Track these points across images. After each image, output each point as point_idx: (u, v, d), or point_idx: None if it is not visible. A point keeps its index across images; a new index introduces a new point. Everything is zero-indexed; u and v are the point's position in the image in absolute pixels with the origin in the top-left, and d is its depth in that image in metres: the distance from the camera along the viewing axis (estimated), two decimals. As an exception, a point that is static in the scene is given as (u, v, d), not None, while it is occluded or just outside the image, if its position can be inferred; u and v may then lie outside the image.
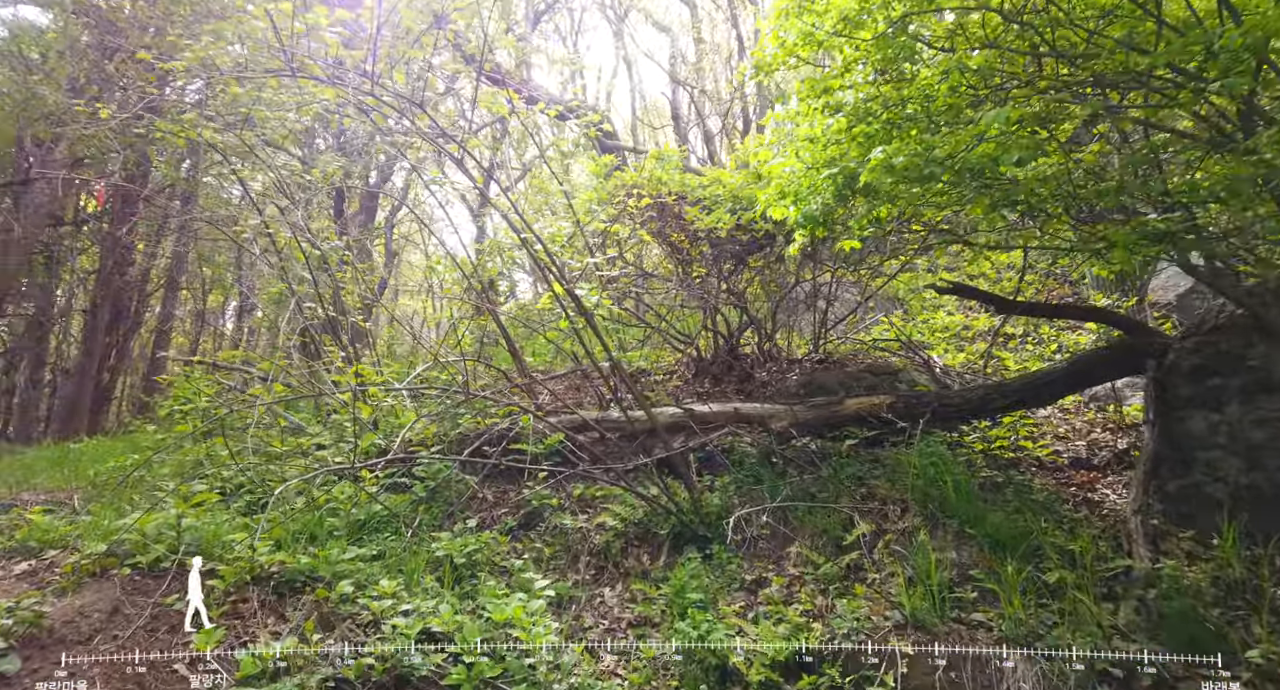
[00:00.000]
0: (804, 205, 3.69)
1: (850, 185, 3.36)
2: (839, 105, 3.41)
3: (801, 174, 3.70)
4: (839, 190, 3.42)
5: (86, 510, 4.03)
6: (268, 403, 4.41)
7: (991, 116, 2.56)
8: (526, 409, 5.31)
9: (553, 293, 4.71)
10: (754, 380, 7.32)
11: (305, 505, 4.29)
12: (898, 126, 3.19)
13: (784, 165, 3.89)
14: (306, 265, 5.38)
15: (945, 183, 3.26)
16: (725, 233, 5.86)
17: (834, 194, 3.44)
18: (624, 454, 5.76)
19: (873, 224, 3.63)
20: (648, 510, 5.04)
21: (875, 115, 3.24)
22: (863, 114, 3.28)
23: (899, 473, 4.80)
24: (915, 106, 3.12)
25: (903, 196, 3.27)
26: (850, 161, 3.33)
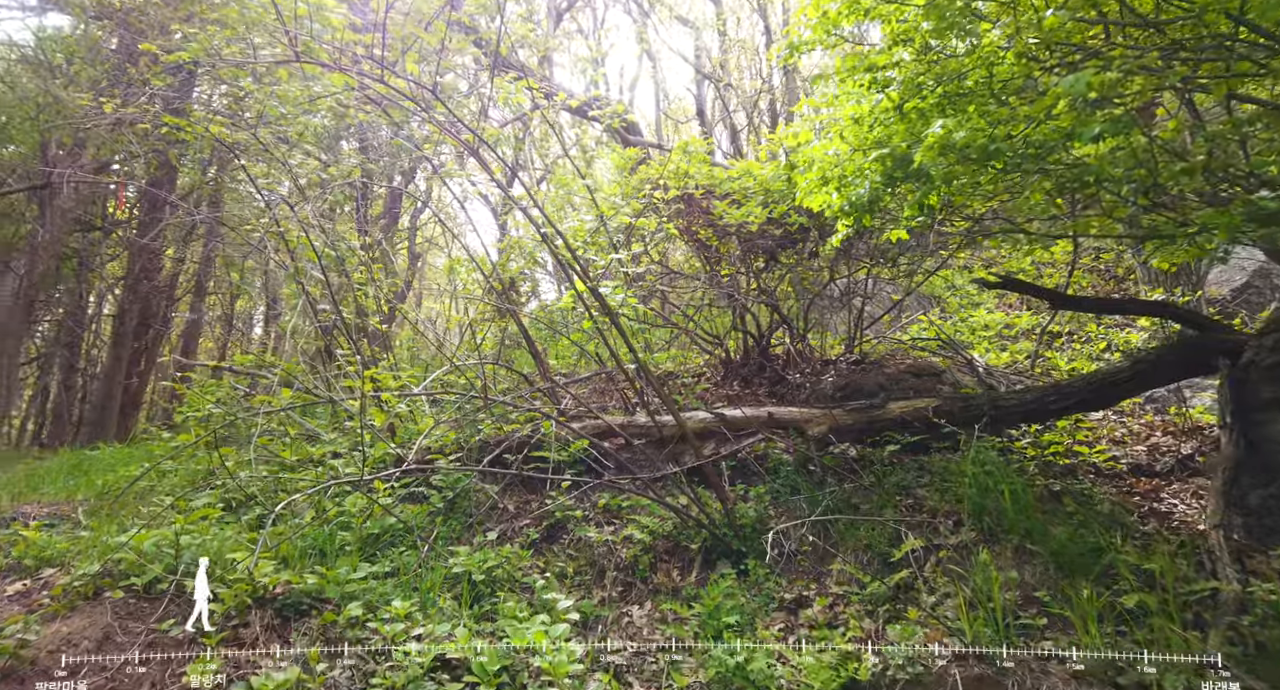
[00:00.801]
0: (848, 192, 3.37)
1: (901, 167, 3.04)
2: (887, 82, 3.08)
3: (845, 158, 3.38)
4: (888, 174, 3.09)
5: (86, 525, 3.84)
6: (274, 409, 4.19)
7: (1070, 82, 2.23)
8: (548, 414, 5.04)
9: (575, 291, 4.43)
10: (786, 383, 6.99)
11: (315, 519, 4.06)
12: (954, 102, 2.86)
13: (825, 147, 3.56)
14: (320, 265, 5.16)
15: (1004, 164, 2.92)
16: (756, 227, 5.55)
17: (883, 178, 3.12)
18: (651, 461, 5.47)
19: (923, 211, 3.30)
20: (677, 522, 4.74)
21: (929, 89, 2.91)
22: (915, 89, 2.95)
23: (949, 482, 4.45)
24: (977, 77, 2.78)
25: (962, 178, 2.94)
26: (901, 142, 3.00)
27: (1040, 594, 3.44)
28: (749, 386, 7.31)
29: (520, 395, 5.90)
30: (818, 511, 4.42)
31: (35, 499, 4.90)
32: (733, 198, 6.04)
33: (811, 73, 15.25)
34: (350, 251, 6.13)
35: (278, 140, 6.50)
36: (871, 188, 3.17)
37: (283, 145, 6.59)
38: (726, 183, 6.05)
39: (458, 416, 5.85)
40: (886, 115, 3.15)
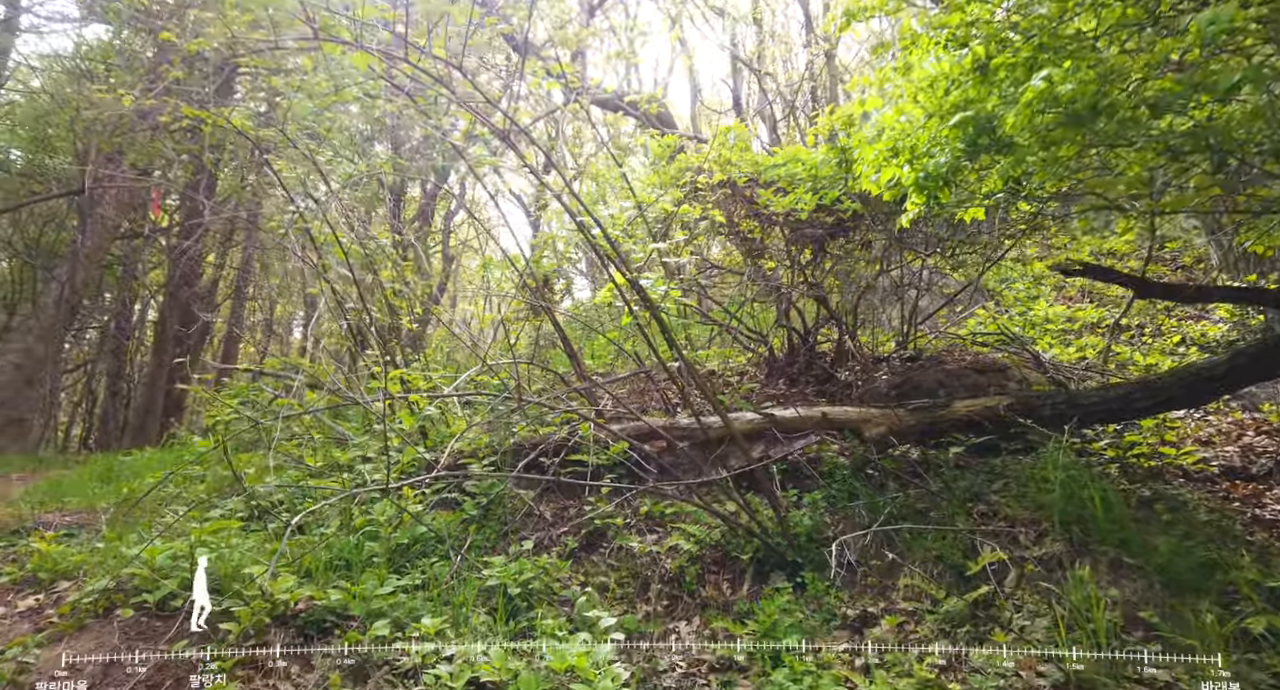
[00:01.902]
0: (921, 164, 3.01)
1: (986, 133, 2.67)
2: (966, 38, 2.71)
3: (919, 125, 3.02)
4: (970, 141, 2.72)
5: (100, 536, 3.65)
6: (294, 412, 3.96)
7: (1209, 16, 1.86)
8: (586, 416, 4.75)
9: (613, 284, 4.13)
10: (836, 381, 6.61)
11: (341, 528, 3.81)
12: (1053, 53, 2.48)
13: (897, 114, 3.20)
14: (347, 263, 4.95)
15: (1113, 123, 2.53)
16: (806, 214, 5.19)
17: (966, 144, 2.75)
18: (695, 465, 5.14)
19: (1009, 184, 2.92)
20: (725, 530, 4.41)
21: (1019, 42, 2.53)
22: (1000, 45, 2.58)
23: (1026, 487, 4.05)
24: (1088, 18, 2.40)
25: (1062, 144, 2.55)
26: (987, 103, 2.64)
27: (1146, 614, 3.03)
28: (795, 385, 6.94)
29: (556, 396, 5.62)
30: (880, 520, 4.05)
31: (58, 507, 4.76)
32: (778, 186, 5.69)
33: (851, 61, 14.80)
34: (380, 249, 5.91)
35: (306, 137, 6.32)
36: (952, 156, 2.81)
37: (311, 142, 6.40)
38: (771, 170, 5.71)
39: (491, 418, 5.60)
40: (966, 76, 2.79)
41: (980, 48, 2.62)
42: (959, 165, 2.86)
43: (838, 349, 7.02)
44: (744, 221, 6.29)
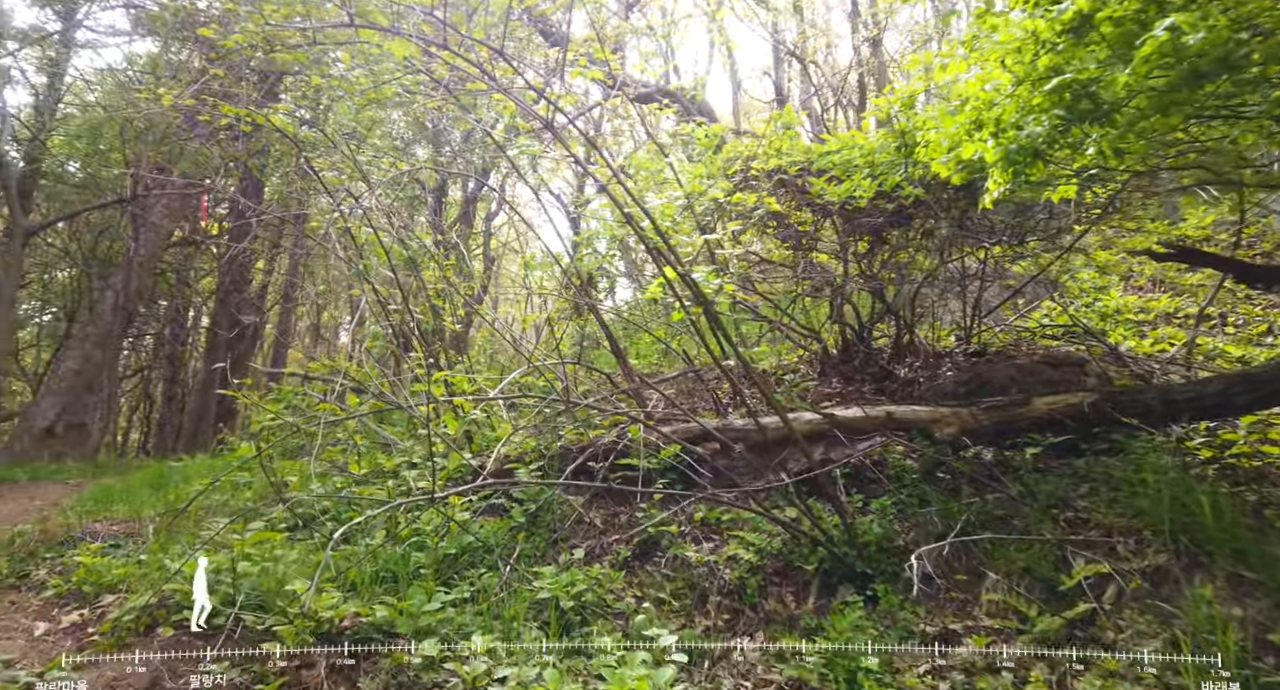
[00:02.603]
0: (1008, 137, 2.71)
1: (1088, 98, 2.37)
2: (1064, -9, 2.41)
3: (1006, 94, 2.72)
4: (1071, 107, 2.42)
5: (145, 547, 3.56)
6: (336, 418, 3.84)
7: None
8: (635, 418, 4.54)
9: (664, 279, 3.91)
10: (895, 378, 6.29)
11: (387, 539, 3.66)
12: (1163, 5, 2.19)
13: (980, 81, 2.90)
14: (389, 263, 4.83)
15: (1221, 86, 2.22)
16: (865, 202, 4.90)
17: (1067, 111, 2.45)
18: (752, 468, 4.90)
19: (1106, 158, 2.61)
20: (787, 538, 4.15)
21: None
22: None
23: (1119, 491, 3.71)
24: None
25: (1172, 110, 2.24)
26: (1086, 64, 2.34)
27: (1277, 638, 2.70)
28: (851, 383, 6.63)
29: (603, 397, 5.42)
30: (957, 528, 3.75)
31: (106, 516, 4.74)
32: (830, 174, 5.41)
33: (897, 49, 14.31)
34: (422, 249, 5.79)
35: (346, 137, 6.24)
36: (1050, 125, 2.50)
37: (352, 142, 6.32)
38: (824, 157, 5.42)
39: (537, 421, 5.43)
40: (1061, 36, 2.49)
41: (1082, 3, 2.32)
42: (1054, 136, 2.55)
43: (896, 344, 6.70)
44: (794, 214, 6.01)
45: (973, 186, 5.37)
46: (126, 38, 15.31)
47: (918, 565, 3.58)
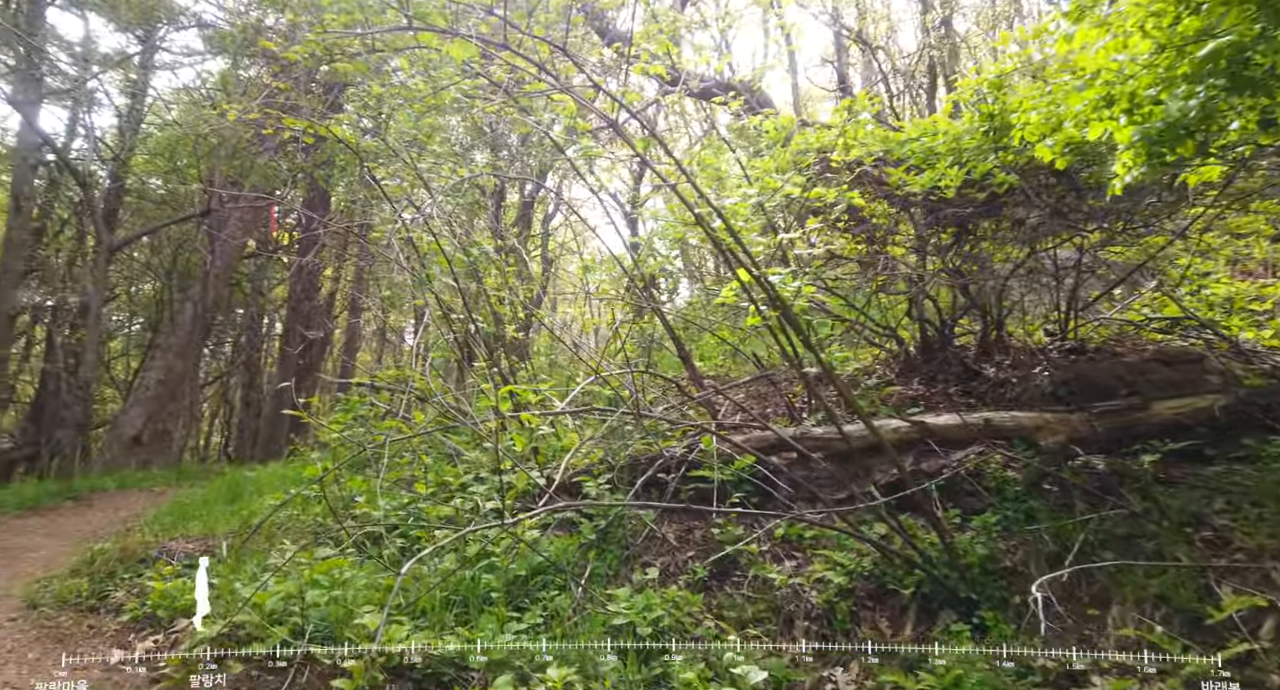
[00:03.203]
0: (1145, 113, 2.36)
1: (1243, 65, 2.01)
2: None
3: (1143, 64, 2.36)
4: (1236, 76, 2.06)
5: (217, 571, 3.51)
6: (403, 435, 3.72)
7: None
8: (708, 428, 4.30)
9: (737, 282, 3.65)
10: (982, 378, 5.86)
11: (457, 564, 3.52)
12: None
13: (1110, 50, 2.53)
14: (451, 271, 4.71)
15: None
16: (953, 191, 4.53)
17: (1229, 80, 2.08)
18: (834, 480, 4.59)
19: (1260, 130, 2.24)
20: (877, 559, 3.85)
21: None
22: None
23: (1265, 506, 3.28)
24: None
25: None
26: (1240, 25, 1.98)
27: None
28: (932, 385, 6.22)
29: (672, 406, 5.19)
30: (1075, 549, 3.38)
31: (182, 533, 4.77)
32: (909, 164, 5.04)
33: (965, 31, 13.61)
34: (483, 256, 5.67)
35: (406, 145, 6.18)
36: (1207, 96, 2.13)
37: (412, 149, 6.25)
38: (902, 146, 5.06)
39: (604, 432, 5.25)
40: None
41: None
42: (1208, 111, 2.19)
43: (981, 342, 6.26)
44: (869, 206, 5.65)
45: (1070, 171, 4.94)
46: (200, 57, 15.87)
47: (1039, 594, 3.21)
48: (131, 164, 15.37)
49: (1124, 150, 2.52)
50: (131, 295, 19.11)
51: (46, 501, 7.44)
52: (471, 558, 3.55)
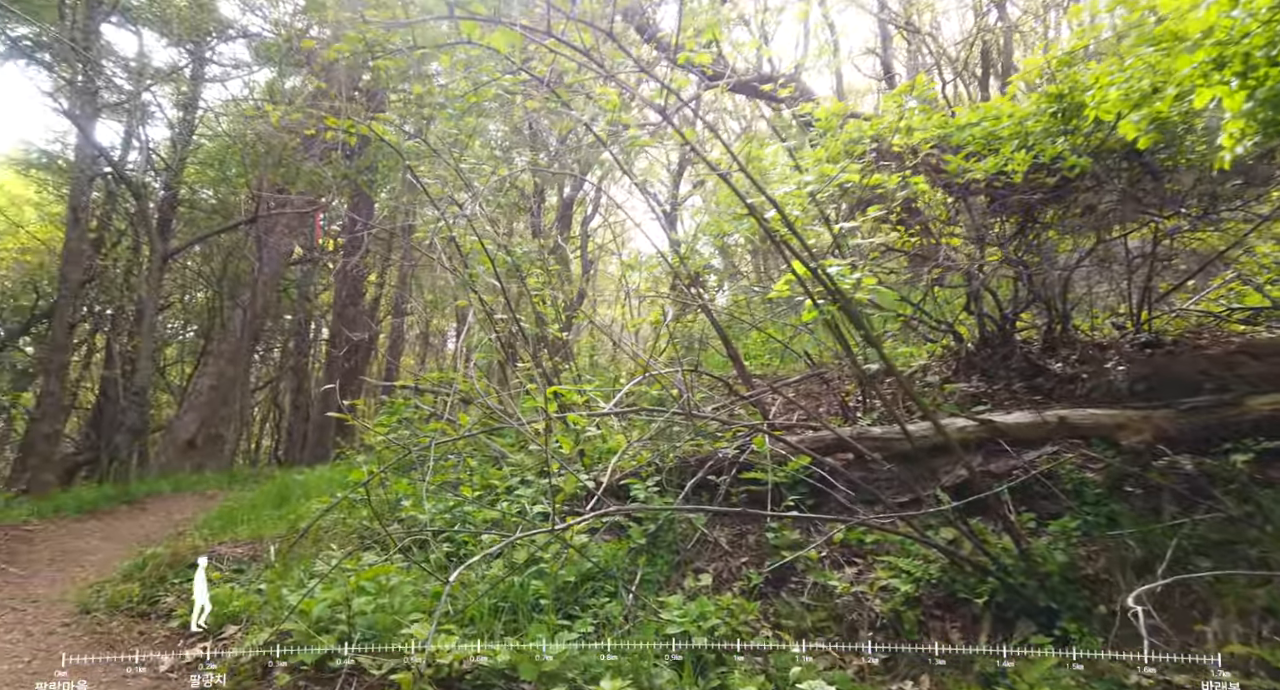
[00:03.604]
0: (1260, 77, 2.12)
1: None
2: None
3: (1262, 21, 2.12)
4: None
5: (264, 577, 3.46)
6: (448, 438, 3.63)
7: None
8: (762, 427, 4.12)
9: (792, 274, 3.48)
10: (1048, 375, 5.56)
11: (504, 567, 3.41)
12: None
13: (1222, 7, 2.30)
14: (494, 271, 4.62)
15: None
16: (1020, 177, 4.28)
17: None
18: (894, 483, 4.38)
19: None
20: (945, 565, 3.63)
21: None
22: None
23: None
24: None
25: None
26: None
27: None
28: (993, 381, 5.94)
29: (721, 405, 5.03)
30: (1167, 556, 3.12)
31: (231, 537, 4.78)
32: (970, 150, 4.80)
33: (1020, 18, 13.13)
34: (525, 256, 5.58)
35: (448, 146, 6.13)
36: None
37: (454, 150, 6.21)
38: (961, 131, 4.82)
39: (655, 433, 5.11)
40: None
41: None
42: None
43: (1046, 336, 5.96)
44: (926, 194, 5.41)
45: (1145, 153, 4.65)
46: (248, 69, 16.24)
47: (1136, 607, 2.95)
48: (183, 174, 15.78)
49: (1232, 119, 2.29)
50: (185, 303, 19.64)
51: (104, 505, 7.60)
52: (520, 563, 3.44)
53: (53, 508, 7.18)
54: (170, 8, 13.08)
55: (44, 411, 11.68)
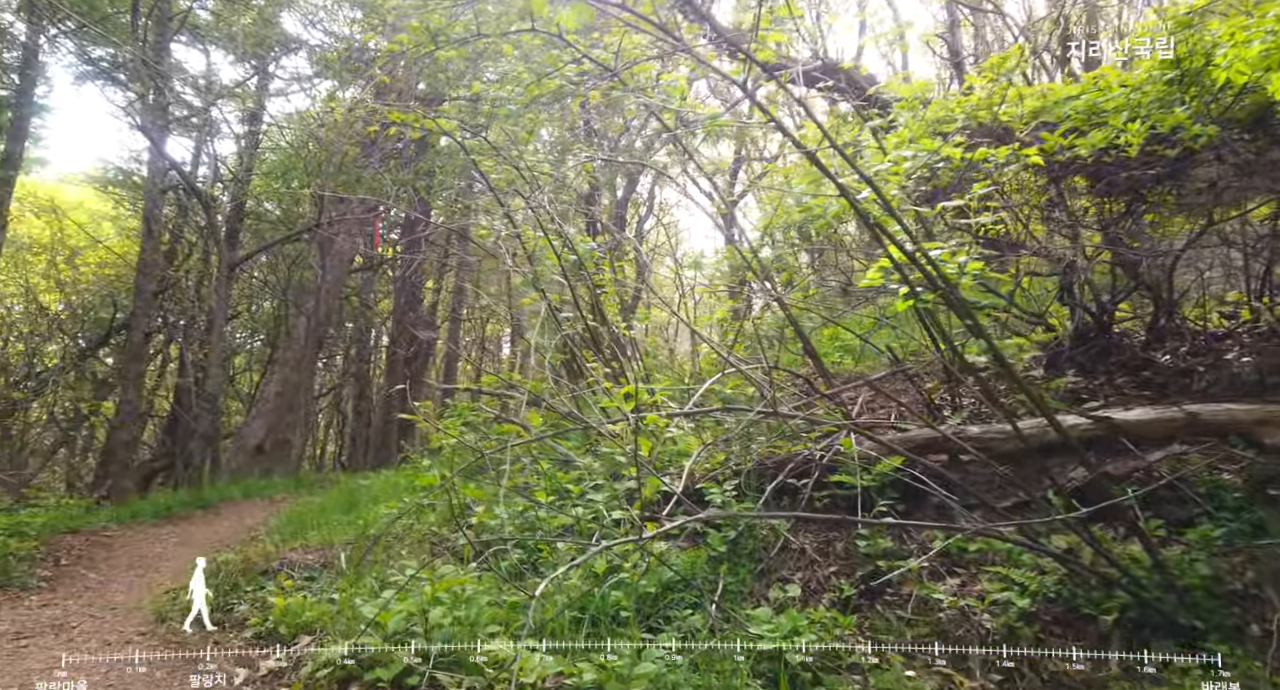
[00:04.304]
0: None
1: None
2: None
3: None
4: None
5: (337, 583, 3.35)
6: (522, 441, 3.47)
7: None
8: (852, 426, 3.85)
9: (889, 260, 3.20)
10: (1156, 368, 5.12)
11: (583, 577, 3.23)
12: None
13: None
14: (561, 268, 4.47)
15: None
16: (1135, 150, 3.89)
17: None
18: (995, 485, 4.04)
19: None
20: (1063, 576, 3.29)
21: None
22: None
23: None
24: None
25: None
26: None
27: None
28: (1091, 375, 5.52)
29: (800, 403, 4.76)
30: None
31: (301, 544, 4.73)
32: (1070, 125, 4.43)
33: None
34: (591, 253, 5.41)
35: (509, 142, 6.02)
36: None
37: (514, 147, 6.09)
38: (1060, 105, 4.45)
39: (739, 433, 4.87)
40: None
41: None
42: None
43: (1151, 326, 5.51)
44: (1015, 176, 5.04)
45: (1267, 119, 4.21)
46: (309, 82, 16.63)
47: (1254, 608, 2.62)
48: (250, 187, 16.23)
49: None
50: (252, 312, 20.20)
51: (179, 510, 7.75)
52: (598, 571, 3.25)
53: (130, 513, 7.36)
54: (236, 24, 13.44)
55: (123, 420, 12.08)
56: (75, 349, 15.12)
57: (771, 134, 17.40)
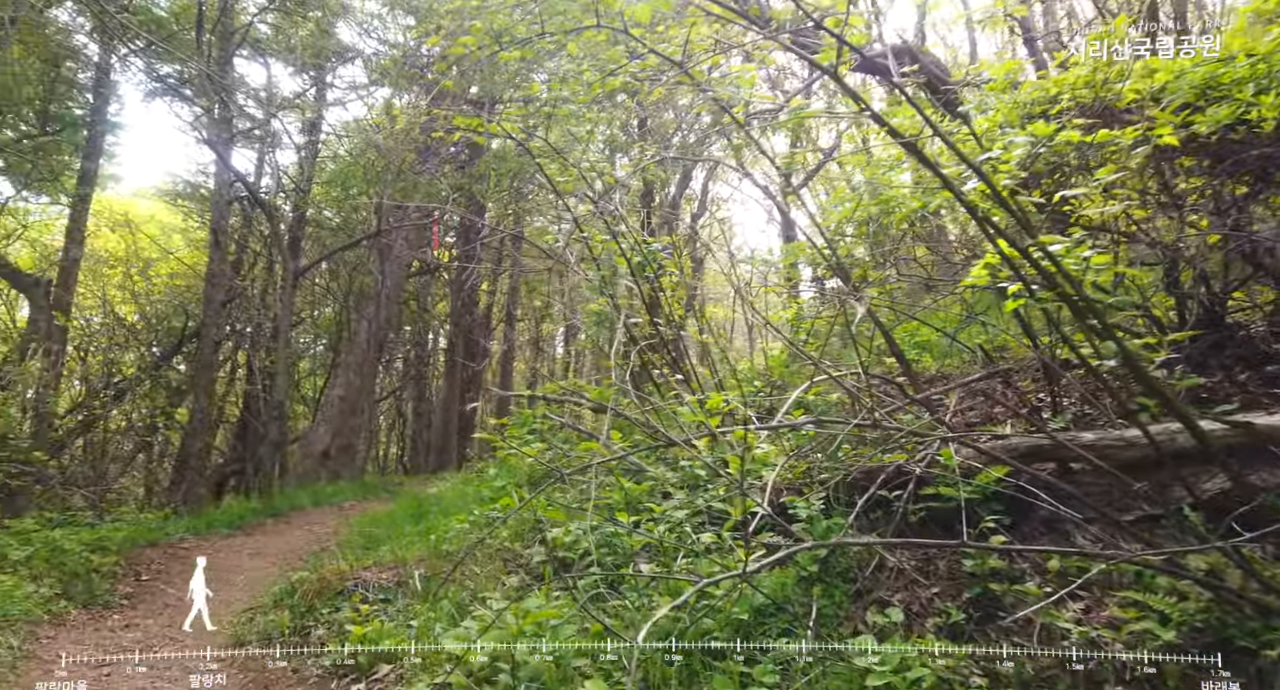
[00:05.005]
0: None
1: None
2: None
3: None
4: None
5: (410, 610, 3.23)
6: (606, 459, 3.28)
7: None
8: (956, 436, 3.55)
9: (999, 256, 2.91)
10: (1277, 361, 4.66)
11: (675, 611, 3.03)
12: None
13: None
14: (630, 269, 4.27)
15: None
16: (1272, 125, 3.49)
17: None
18: (1112, 498, 3.69)
19: None
20: (1206, 603, 2.95)
21: None
22: None
23: None
24: None
25: None
26: None
27: None
28: (1204, 371, 5.07)
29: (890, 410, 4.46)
30: None
31: (374, 561, 4.65)
32: (1181, 101, 4.02)
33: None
34: (657, 254, 5.21)
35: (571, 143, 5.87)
36: None
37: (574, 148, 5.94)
38: (1176, 80, 4.05)
39: (805, 441, 4.61)
40: None
41: None
42: None
43: (1273, 317, 5.03)
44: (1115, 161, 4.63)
45: None
46: (366, 90, 16.88)
47: None
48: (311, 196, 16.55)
49: None
50: (314, 318, 20.66)
51: (251, 519, 7.87)
52: (690, 602, 3.05)
53: (205, 524, 7.49)
54: (295, 36, 13.67)
55: (196, 427, 12.40)
56: (150, 358, 15.64)
57: (827, 125, 16.90)
